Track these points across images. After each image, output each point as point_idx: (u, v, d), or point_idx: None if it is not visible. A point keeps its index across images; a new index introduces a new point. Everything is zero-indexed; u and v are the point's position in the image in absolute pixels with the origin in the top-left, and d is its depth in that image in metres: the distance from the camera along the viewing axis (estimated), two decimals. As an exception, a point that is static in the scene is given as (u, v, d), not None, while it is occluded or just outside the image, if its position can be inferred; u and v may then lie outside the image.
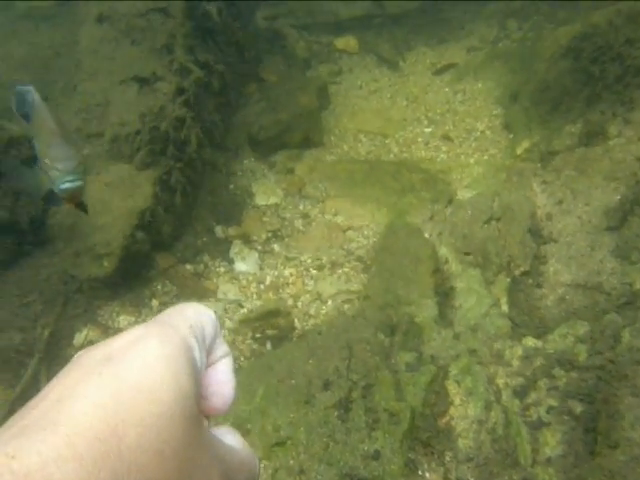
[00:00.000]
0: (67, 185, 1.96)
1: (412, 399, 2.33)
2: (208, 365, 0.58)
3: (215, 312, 0.61)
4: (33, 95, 2.00)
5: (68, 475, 0.42)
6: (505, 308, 2.83)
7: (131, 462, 0.44)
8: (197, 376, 0.53)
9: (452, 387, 2.39)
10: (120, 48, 5.05)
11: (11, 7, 6.38)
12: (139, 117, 3.93)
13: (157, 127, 3.83)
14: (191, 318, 0.57)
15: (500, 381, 2.34)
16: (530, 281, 2.96)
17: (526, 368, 2.32)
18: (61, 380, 0.50)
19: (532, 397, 2.19)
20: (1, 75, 5.23)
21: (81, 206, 2.26)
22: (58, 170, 1.94)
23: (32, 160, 2.09)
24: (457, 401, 2.33)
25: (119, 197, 3.82)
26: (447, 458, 2.15)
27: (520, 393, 2.24)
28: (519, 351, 2.43)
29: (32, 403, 0.48)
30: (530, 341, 2.47)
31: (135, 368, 0.48)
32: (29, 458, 0.42)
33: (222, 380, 0.58)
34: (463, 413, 2.28)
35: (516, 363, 2.38)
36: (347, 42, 7.25)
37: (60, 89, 5.28)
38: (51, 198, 2.10)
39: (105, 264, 3.51)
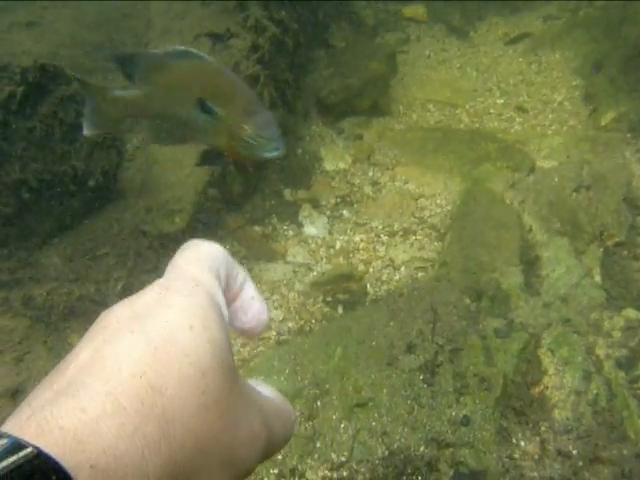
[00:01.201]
0: (274, 153, 1.88)
1: (503, 366, 2.21)
2: (233, 296, 0.58)
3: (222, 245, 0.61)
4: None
5: (116, 430, 0.42)
6: (598, 279, 2.66)
7: (175, 415, 0.44)
8: (225, 325, 0.52)
9: (545, 356, 2.25)
10: (191, 9, 5.00)
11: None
12: (212, 74, 3.86)
13: (231, 84, 3.74)
14: (206, 259, 0.57)
15: (600, 352, 2.19)
16: (625, 252, 2.77)
17: (630, 339, 2.17)
18: (90, 340, 0.49)
19: (641, 369, 2.04)
20: (75, 35, 5.26)
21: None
22: (263, 138, 1.83)
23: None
24: (551, 370, 2.20)
25: (190, 154, 3.78)
26: (542, 428, 2.02)
27: (625, 365, 2.09)
28: (620, 322, 2.27)
29: (62, 366, 0.48)
30: (631, 313, 2.31)
31: (165, 323, 0.48)
32: (75, 416, 0.41)
33: (251, 302, 0.58)
34: (558, 383, 2.14)
35: (618, 334, 2.22)
36: (416, 10, 7.01)
37: (130, 49, 5.28)
38: (212, 158, 2.05)
39: (177, 220, 3.48)
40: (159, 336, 0.47)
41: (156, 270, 3.53)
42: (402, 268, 3.49)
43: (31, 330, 2.37)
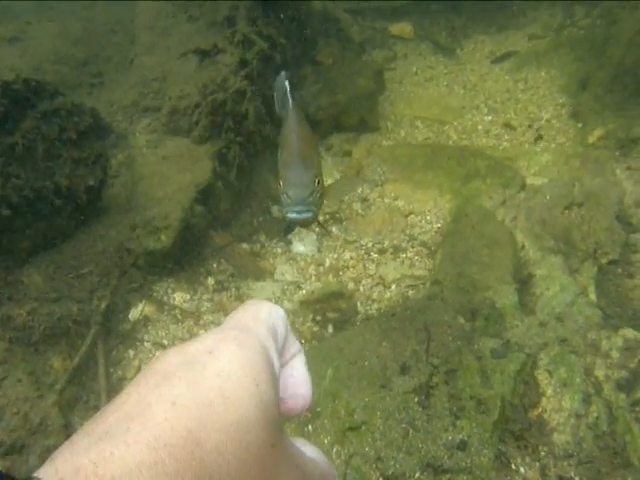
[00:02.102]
0: (294, 215, 1.76)
1: (500, 387, 2.14)
2: (281, 364, 0.57)
3: (284, 310, 0.60)
4: (287, 93, 1.88)
5: None
6: (593, 297, 2.61)
7: (213, 469, 0.44)
8: (275, 381, 0.51)
9: (543, 377, 2.19)
10: (177, 23, 4.96)
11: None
12: (199, 89, 3.81)
13: (217, 100, 3.69)
14: (266, 319, 0.56)
15: (599, 373, 2.13)
16: (619, 270, 2.74)
17: (629, 360, 2.11)
18: (140, 384, 0.49)
19: (641, 391, 1.99)
20: (59, 50, 5.19)
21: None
22: (288, 197, 1.74)
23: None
24: (549, 392, 2.13)
25: (177, 170, 3.71)
26: (542, 453, 1.95)
27: (625, 387, 2.04)
28: (618, 342, 2.22)
29: (108, 408, 0.48)
30: (629, 332, 2.26)
31: (215, 373, 0.47)
32: (113, 464, 0.41)
33: (299, 381, 0.57)
34: (557, 406, 2.08)
35: (616, 355, 2.17)
36: (402, 28, 7.06)
37: (115, 64, 5.22)
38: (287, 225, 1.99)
39: (162, 238, 3.39)
40: (206, 386, 0.46)
41: (141, 289, 3.44)
42: (393, 286, 3.43)
43: (9, 353, 2.27)
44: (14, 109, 3.16)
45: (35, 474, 0.42)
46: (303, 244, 3.84)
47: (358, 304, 3.33)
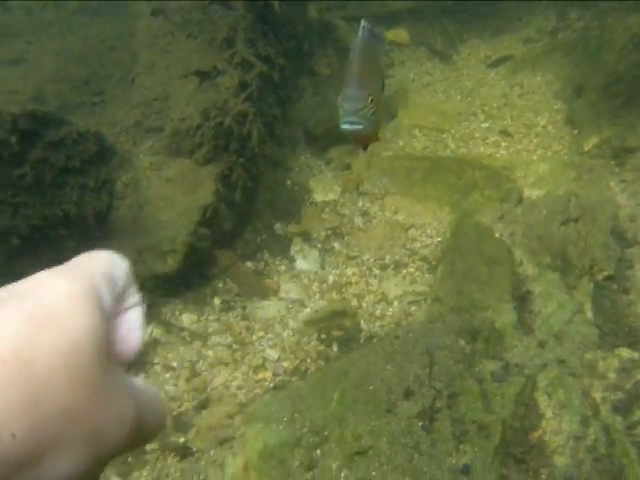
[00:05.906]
0: (346, 126, 1.88)
1: (501, 411, 2.23)
2: (118, 313, 0.57)
3: (128, 261, 0.61)
4: (364, 31, 2.02)
5: None
6: (590, 315, 2.69)
7: (42, 388, 0.44)
8: (105, 315, 0.52)
9: (542, 399, 2.27)
10: (176, 42, 5.02)
11: (64, 5, 6.45)
12: (201, 112, 3.88)
13: (221, 122, 3.77)
14: (101, 263, 0.57)
15: (597, 395, 2.21)
16: (615, 286, 2.81)
17: (625, 382, 2.19)
18: None
19: (637, 415, 2.06)
20: (60, 70, 5.26)
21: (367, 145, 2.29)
22: (342, 109, 1.87)
23: None
24: (549, 414, 2.22)
25: (181, 193, 3.79)
26: (543, 476, 2.04)
27: (622, 409, 2.11)
28: (614, 363, 2.29)
29: None
30: (625, 352, 2.34)
31: (43, 301, 0.48)
32: None
33: (131, 327, 0.57)
34: (556, 428, 2.16)
35: (612, 376, 2.25)
36: (398, 34, 7.10)
37: (116, 82, 5.29)
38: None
39: (169, 261, 3.48)
40: (34, 313, 0.46)
41: (149, 312, 3.52)
42: (395, 302, 3.51)
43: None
44: (22, 140, 3.24)
45: None
46: (306, 261, 3.92)
47: (361, 322, 3.41)
